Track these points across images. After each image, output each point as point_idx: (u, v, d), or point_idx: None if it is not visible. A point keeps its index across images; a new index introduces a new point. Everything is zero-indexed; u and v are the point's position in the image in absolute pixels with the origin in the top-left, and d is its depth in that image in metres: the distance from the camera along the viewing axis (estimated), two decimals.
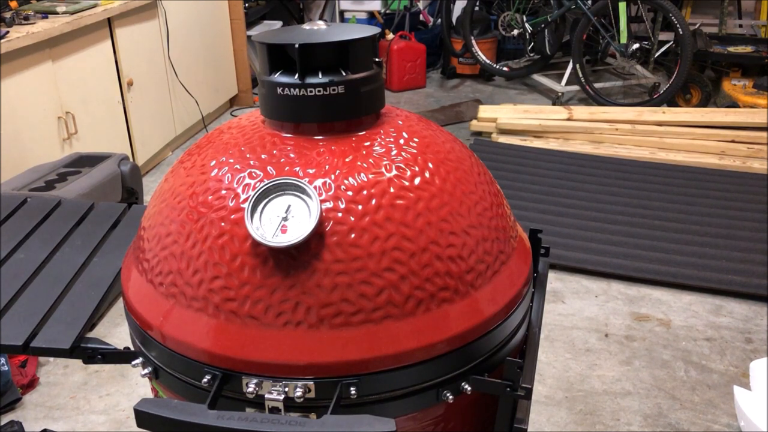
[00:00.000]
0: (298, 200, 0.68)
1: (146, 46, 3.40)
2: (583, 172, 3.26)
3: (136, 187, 2.72)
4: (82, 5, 2.93)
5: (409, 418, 0.72)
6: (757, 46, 4.30)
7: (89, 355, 0.79)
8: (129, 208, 1.14)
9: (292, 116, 0.77)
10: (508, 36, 4.86)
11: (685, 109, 3.85)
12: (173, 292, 0.72)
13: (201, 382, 0.69)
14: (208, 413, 0.63)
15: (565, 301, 2.37)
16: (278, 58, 0.76)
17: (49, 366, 2.10)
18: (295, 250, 0.67)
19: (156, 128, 3.56)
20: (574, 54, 4.28)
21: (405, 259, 0.68)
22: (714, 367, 2.06)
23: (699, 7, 4.96)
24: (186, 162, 0.81)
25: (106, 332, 2.20)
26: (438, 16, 5.18)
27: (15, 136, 2.52)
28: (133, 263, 0.81)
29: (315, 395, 0.67)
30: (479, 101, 4.49)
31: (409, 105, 4.59)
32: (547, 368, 2.05)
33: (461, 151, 0.82)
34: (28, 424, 1.84)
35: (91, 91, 2.98)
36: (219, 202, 0.72)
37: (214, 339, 0.69)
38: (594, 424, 1.84)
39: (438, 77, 5.21)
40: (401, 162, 0.74)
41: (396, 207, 0.70)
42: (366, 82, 0.76)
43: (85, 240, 1.03)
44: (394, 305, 0.68)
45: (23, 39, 2.47)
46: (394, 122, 0.81)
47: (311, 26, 0.80)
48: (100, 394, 1.98)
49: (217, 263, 0.69)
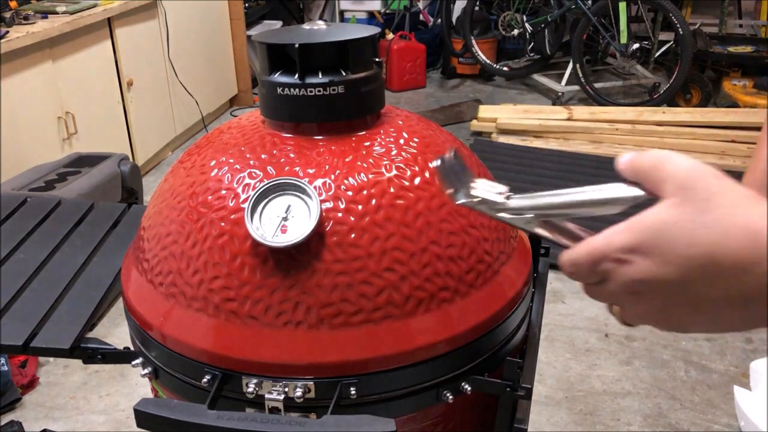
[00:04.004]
0: (298, 200, 0.68)
1: (146, 46, 3.40)
2: (583, 172, 3.26)
3: (136, 187, 2.72)
4: (82, 5, 2.93)
5: (409, 418, 0.72)
6: (758, 46, 4.30)
7: (89, 355, 0.79)
8: (129, 208, 1.14)
9: (292, 116, 0.77)
10: (508, 36, 4.85)
11: (685, 109, 3.85)
12: (173, 292, 0.72)
13: (201, 382, 0.69)
14: (207, 413, 0.63)
15: (565, 301, 2.37)
16: (278, 58, 0.76)
17: (48, 366, 2.10)
18: (295, 250, 0.67)
19: (156, 128, 3.56)
20: (574, 54, 4.28)
21: (405, 259, 0.68)
22: (714, 367, 2.06)
23: (699, 7, 4.96)
24: (186, 162, 0.81)
25: (106, 332, 2.20)
26: (438, 16, 5.18)
27: (15, 136, 2.52)
28: (133, 263, 0.81)
29: (315, 395, 0.67)
30: (479, 101, 4.49)
31: (409, 105, 4.59)
32: (547, 368, 2.05)
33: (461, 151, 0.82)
34: (28, 424, 1.84)
35: (91, 91, 2.98)
36: (219, 202, 0.72)
37: (214, 339, 0.69)
38: (594, 424, 1.84)
39: (438, 77, 5.21)
40: (401, 162, 0.74)
41: (396, 207, 0.70)
42: (366, 82, 0.76)
43: (85, 240, 1.03)
44: (394, 305, 0.68)
45: (23, 39, 2.47)
46: (394, 122, 0.81)
47: (311, 26, 0.80)
48: (100, 394, 1.98)
49: (217, 263, 0.69)
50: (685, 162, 0.45)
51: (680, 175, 0.45)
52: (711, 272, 0.43)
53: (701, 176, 0.44)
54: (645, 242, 0.45)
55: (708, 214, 0.43)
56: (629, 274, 0.46)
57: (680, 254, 0.43)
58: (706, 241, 0.42)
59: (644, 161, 0.47)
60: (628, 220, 0.46)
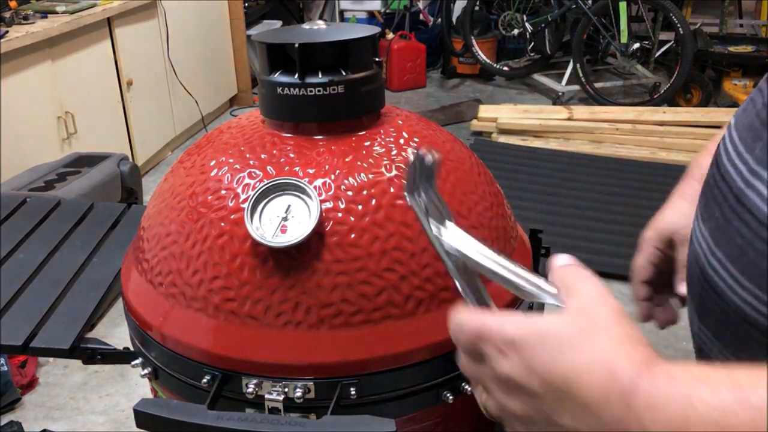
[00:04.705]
0: (298, 200, 0.68)
1: (146, 46, 3.40)
2: (583, 172, 3.25)
3: (136, 187, 2.72)
4: (82, 5, 2.93)
5: (409, 419, 0.72)
6: (758, 46, 4.29)
7: (89, 356, 0.79)
8: (129, 208, 1.14)
9: (292, 116, 0.76)
10: (508, 36, 4.85)
11: (686, 109, 3.85)
12: (173, 293, 0.72)
13: (201, 382, 0.69)
14: (207, 413, 0.63)
15: None
16: (278, 57, 0.76)
17: (48, 366, 2.09)
18: (295, 250, 0.67)
19: (156, 128, 3.55)
20: (575, 54, 4.28)
21: (405, 260, 0.68)
22: None
23: (699, 7, 4.96)
24: (186, 162, 0.81)
25: (106, 332, 2.20)
26: (438, 16, 5.17)
27: (15, 135, 2.51)
28: (133, 263, 0.81)
29: (315, 395, 0.67)
30: (479, 101, 4.49)
31: (409, 105, 4.59)
32: None
33: (461, 151, 0.82)
34: (27, 424, 1.84)
35: (91, 91, 2.97)
36: (219, 202, 0.72)
37: (214, 339, 0.69)
38: None
39: (438, 77, 5.20)
40: (401, 162, 0.74)
41: (396, 207, 0.70)
42: (366, 81, 0.76)
43: (85, 240, 1.03)
44: (394, 305, 0.68)
45: (23, 39, 2.47)
46: (394, 122, 0.81)
47: (311, 26, 0.80)
48: (100, 395, 1.98)
49: (216, 263, 0.69)
50: (595, 290, 0.47)
51: (585, 298, 0.46)
52: (563, 398, 0.43)
53: (601, 306, 0.45)
54: (527, 343, 0.45)
55: (584, 342, 0.43)
56: (504, 368, 0.46)
57: (545, 368, 0.43)
58: (569, 366, 0.43)
59: (568, 274, 0.49)
60: (529, 315, 0.46)
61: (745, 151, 0.51)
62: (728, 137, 0.55)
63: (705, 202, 0.57)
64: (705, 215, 0.56)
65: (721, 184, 0.53)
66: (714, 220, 0.54)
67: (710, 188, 0.56)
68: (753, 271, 0.49)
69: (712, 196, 0.55)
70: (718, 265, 0.52)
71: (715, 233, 0.53)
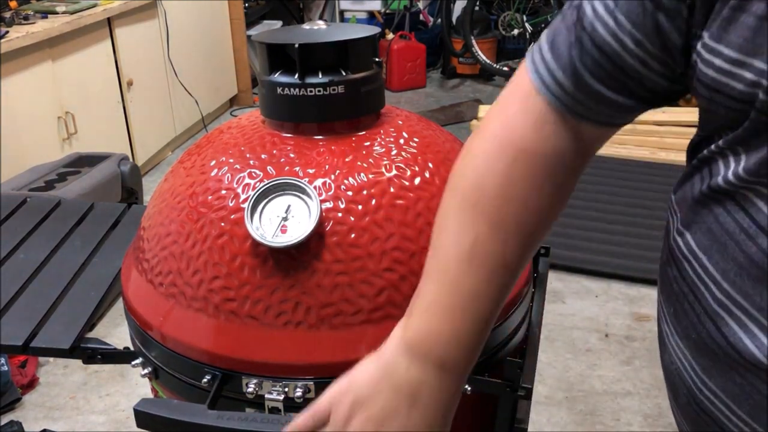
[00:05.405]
0: (298, 200, 0.68)
1: (146, 46, 3.40)
2: (583, 172, 3.25)
3: (136, 187, 2.72)
4: (82, 5, 2.93)
5: None
6: None
7: (89, 355, 0.79)
8: (129, 208, 1.14)
9: (292, 116, 0.77)
10: (508, 36, 4.85)
11: (686, 109, 3.85)
12: (173, 292, 0.72)
13: (201, 382, 0.69)
14: (207, 413, 0.63)
15: (565, 301, 2.37)
16: (278, 58, 0.76)
17: (48, 366, 2.09)
18: (295, 250, 0.67)
19: (156, 128, 3.55)
20: None
21: (405, 259, 0.68)
22: None
23: None
24: (186, 162, 0.81)
25: (106, 332, 2.20)
26: (438, 16, 5.17)
27: (15, 136, 2.51)
28: (133, 263, 0.81)
29: (315, 395, 0.67)
30: (479, 101, 4.49)
31: (409, 105, 4.59)
32: (547, 368, 2.05)
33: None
34: (27, 424, 1.84)
35: (91, 91, 2.97)
36: (219, 202, 0.72)
37: (214, 339, 0.69)
38: (594, 424, 1.84)
39: (438, 77, 5.20)
40: (401, 162, 0.74)
41: (396, 207, 0.70)
42: (366, 81, 0.76)
43: (85, 240, 1.03)
44: (394, 305, 0.68)
45: (23, 39, 2.47)
46: (394, 122, 0.81)
47: (311, 26, 0.80)
48: (100, 394, 1.98)
49: (217, 263, 0.69)
50: None
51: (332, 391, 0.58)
52: None
53: None
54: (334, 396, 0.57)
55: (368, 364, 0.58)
56: None
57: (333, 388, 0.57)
58: (349, 377, 0.57)
59: None
60: None
61: None
62: None
63: (673, 311, 0.56)
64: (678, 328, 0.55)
65: (691, 298, 0.53)
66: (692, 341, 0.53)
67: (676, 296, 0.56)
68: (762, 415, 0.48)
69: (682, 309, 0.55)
70: (714, 398, 0.52)
71: (700, 360, 0.52)
